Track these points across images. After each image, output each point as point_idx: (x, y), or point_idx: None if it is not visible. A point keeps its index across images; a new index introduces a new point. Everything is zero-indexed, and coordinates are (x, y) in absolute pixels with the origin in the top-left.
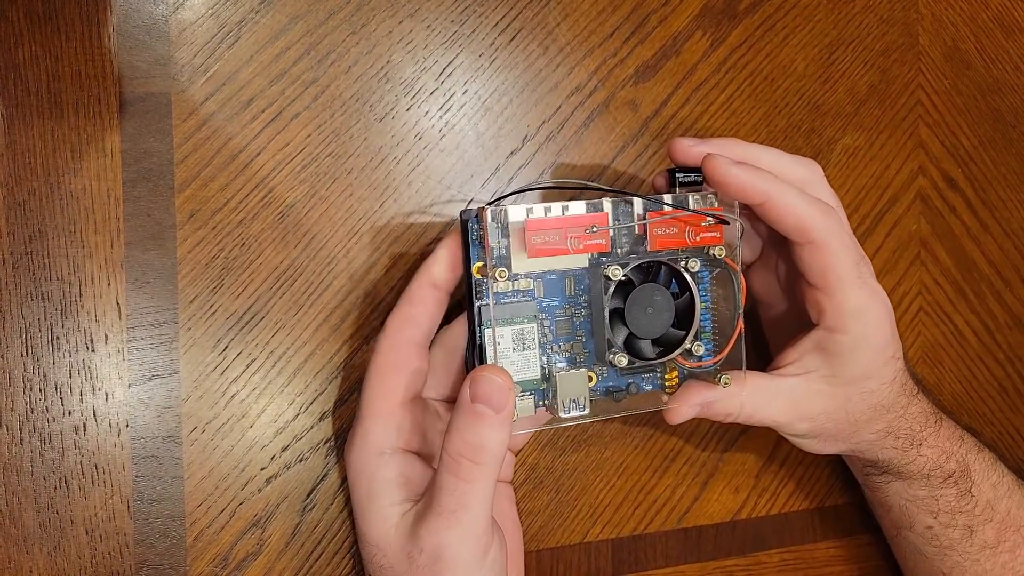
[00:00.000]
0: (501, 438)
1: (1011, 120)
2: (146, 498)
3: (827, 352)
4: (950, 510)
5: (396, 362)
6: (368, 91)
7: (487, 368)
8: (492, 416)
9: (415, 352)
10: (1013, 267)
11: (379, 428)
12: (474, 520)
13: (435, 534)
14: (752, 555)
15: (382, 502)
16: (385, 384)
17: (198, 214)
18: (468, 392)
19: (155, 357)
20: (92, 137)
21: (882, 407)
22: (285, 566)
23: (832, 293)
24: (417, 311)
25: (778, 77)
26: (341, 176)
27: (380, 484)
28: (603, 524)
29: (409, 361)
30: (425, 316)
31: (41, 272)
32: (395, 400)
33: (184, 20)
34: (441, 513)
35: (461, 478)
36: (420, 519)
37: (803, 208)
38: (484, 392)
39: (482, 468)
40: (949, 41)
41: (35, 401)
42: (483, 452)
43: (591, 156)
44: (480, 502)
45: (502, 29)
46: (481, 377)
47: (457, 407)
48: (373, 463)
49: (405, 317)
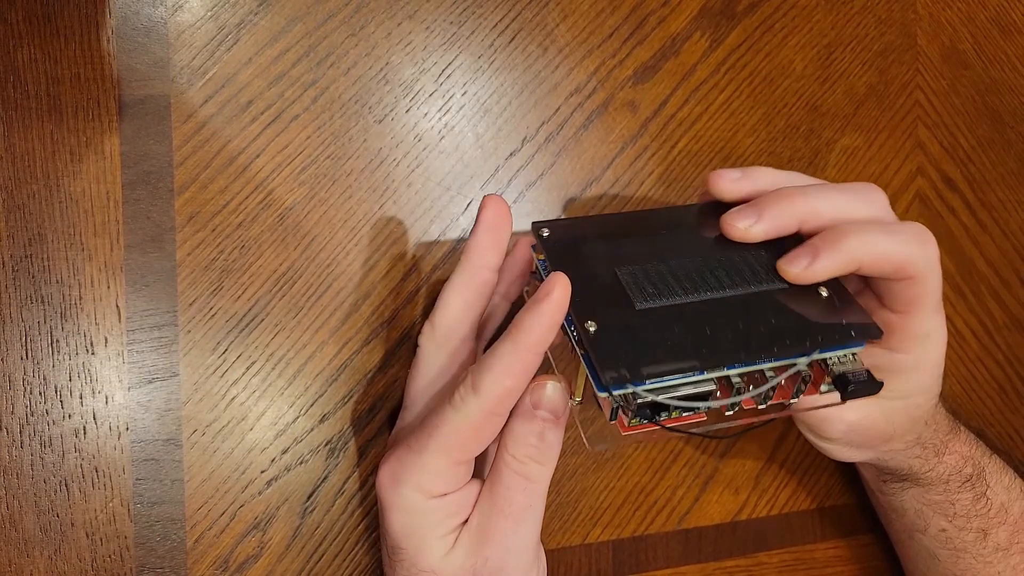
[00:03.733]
0: (560, 434)
1: (1009, 121)
2: (146, 501)
3: (884, 370)
4: (965, 513)
5: (479, 428)
6: (367, 93)
7: (547, 377)
8: (553, 421)
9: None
10: (1012, 268)
11: (436, 481)
12: (537, 521)
13: (505, 537)
14: (752, 556)
15: (435, 533)
16: (456, 451)
17: (198, 216)
18: (529, 400)
19: (155, 360)
20: (91, 140)
21: (921, 419)
22: (286, 569)
23: (910, 319)
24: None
25: (777, 78)
26: (340, 178)
27: (431, 522)
28: (604, 526)
29: (485, 430)
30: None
31: (41, 275)
32: (457, 460)
33: (183, 22)
34: (511, 514)
35: (530, 479)
36: (483, 530)
37: (900, 250)
38: (545, 399)
39: (546, 469)
40: (947, 42)
41: (35, 404)
42: (549, 452)
43: (590, 157)
44: (542, 503)
45: (501, 30)
46: (542, 385)
47: (518, 414)
48: (421, 511)
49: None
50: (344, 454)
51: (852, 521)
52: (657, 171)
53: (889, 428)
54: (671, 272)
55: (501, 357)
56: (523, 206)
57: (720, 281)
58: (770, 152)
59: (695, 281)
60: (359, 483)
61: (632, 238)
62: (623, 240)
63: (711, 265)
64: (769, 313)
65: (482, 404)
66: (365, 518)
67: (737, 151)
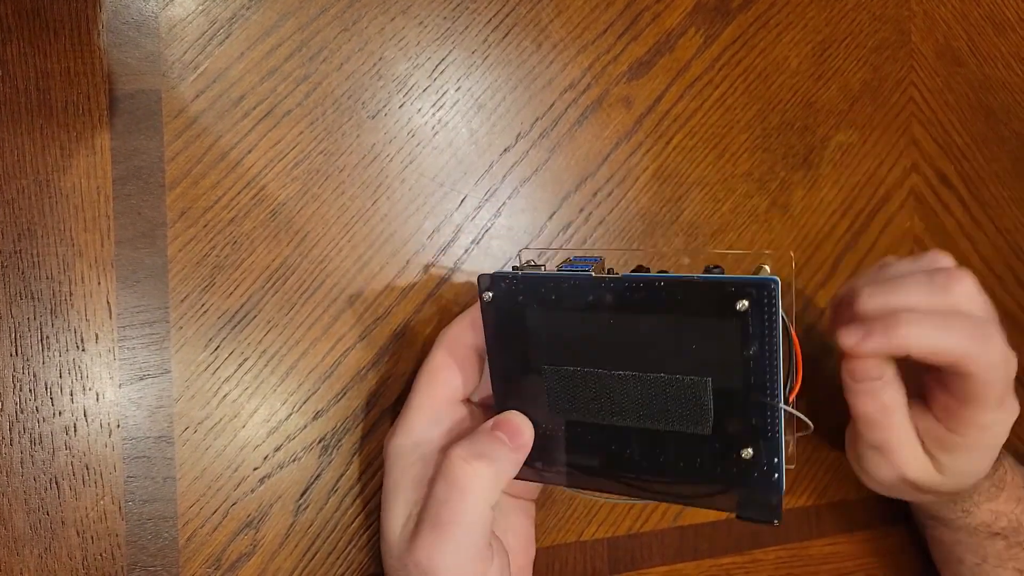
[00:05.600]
0: (514, 459)
1: (1003, 117)
2: (138, 499)
3: (937, 443)
4: (998, 555)
5: (452, 361)
6: (360, 88)
7: (513, 414)
8: (505, 441)
9: (473, 357)
10: (1006, 264)
11: (422, 421)
12: (468, 536)
13: (426, 548)
14: (748, 553)
15: (399, 497)
16: (436, 379)
17: (189, 212)
18: (491, 423)
19: (146, 356)
20: (81, 135)
21: (965, 488)
22: (279, 567)
23: (967, 409)
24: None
25: (772, 74)
26: (333, 174)
27: (406, 477)
28: (599, 523)
29: (464, 363)
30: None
31: (30, 271)
32: (443, 396)
33: (174, 17)
34: (435, 526)
35: (456, 486)
36: (417, 528)
37: (953, 346)
38: (508, 425)
39: (480, 480)
40: (941, 39)
41: (25, 401)
42: (483, 462)
43: (585, 153)
44: (475, 518)
45: (495, 26)
46: (507, 416)
47: (476, 430)
48: (408, 454)
49: (473, 323)
50: (338, 451)
51: (848, 517)
52: (652, 167)
53: (933, 488)
54: (596, 385)
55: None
56: (517, 202)
57: (641, 408)
58: (765, 148)
59: (614, 403)
60: (353, 480)
61: (576, 326)
62: (568, 321)
63: (643, 385)
64: (668, 454)
65: (450, 331)
66: (359, 516)
67: (732, 147)
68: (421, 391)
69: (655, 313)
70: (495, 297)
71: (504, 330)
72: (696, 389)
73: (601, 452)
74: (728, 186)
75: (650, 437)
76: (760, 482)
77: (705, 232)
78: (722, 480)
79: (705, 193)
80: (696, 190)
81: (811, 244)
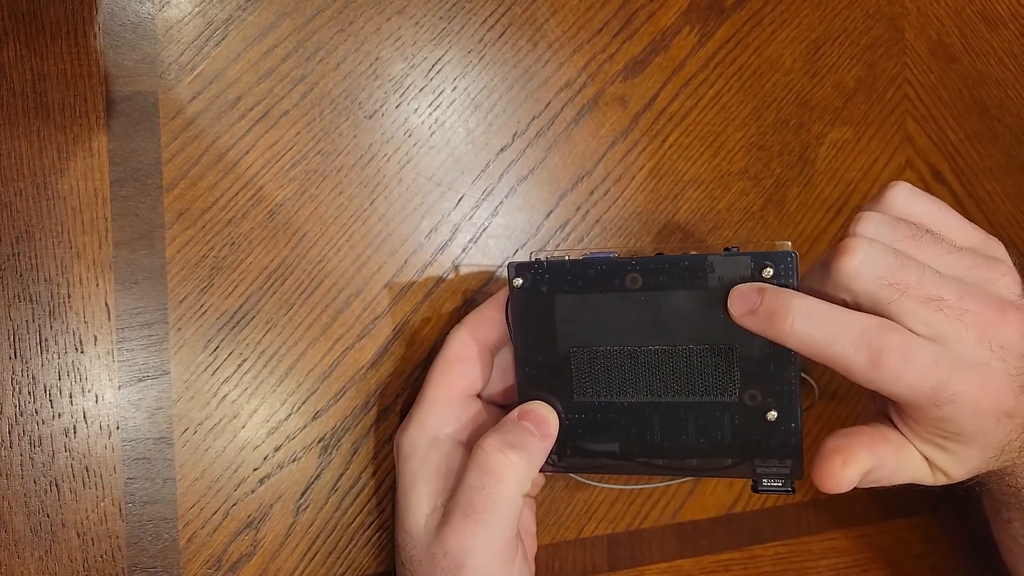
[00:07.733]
0: (542, 448)
1: (996, 113)
2: (138, 500)
3: (939, 448)
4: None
5: (465, 355)
6: (357, 88)
7: (538, 404)
8: (534, 430)
9: (486, 352)
10: None
11: (436, 414)
12: (500, 524)
13: (460, 536)
14: (747, 549)
15: (421, 489)
16: (450, 373)
17: (187, 213)
18: (516, 412)
19: (145, 358)
20: (79, 137)
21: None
22: (280, 567)
23: (963, 439)
24: (500, 317)
25: (766, 72)
26: (331, 174)
27: (425, 469)
28: (598, 520)
29: (478, 358)
30: (505, 324)
31: (29, 274)
32: (456, 390)
33: (170, 18)
34: (468, 514)
35: (491, 475)
36: (447, 518)
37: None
38: (533, 415)
39: (514, 469)
40: (934, 35)
41: (24, 404)
42: (516, 452)
43: (581, 151)
44: (508, 507)
45: (491, 25)
46: (532, 406)
47: (503, 420)
48: (423, 447)
49: (487, 319)
50: (337, 451)
51: (846, 513)
52: (648, 165)
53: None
54: (624, 362)
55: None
56: (514, 201)
57: (668, 382)
58: (760, 146)
59: (641, 379)
60: (353, 480)
61: (603, 308)
62: (596, 303)
63: (670, 358)
64: (689, 429)
65: (464, 326)
66: (359, 515)
67: (727, 145)
68: (436, 385)
69: (681, 289)
70: (523, 285)
71: (531, 317)
72: (723, 357)
73: (620, 435)
74: (724, 184)
75: (671, 412)
76: (781, 444)
77: (701, 229)
78: (743, 449)
79: (701, 191)
80: (692, 188)
81: (807, 241)
